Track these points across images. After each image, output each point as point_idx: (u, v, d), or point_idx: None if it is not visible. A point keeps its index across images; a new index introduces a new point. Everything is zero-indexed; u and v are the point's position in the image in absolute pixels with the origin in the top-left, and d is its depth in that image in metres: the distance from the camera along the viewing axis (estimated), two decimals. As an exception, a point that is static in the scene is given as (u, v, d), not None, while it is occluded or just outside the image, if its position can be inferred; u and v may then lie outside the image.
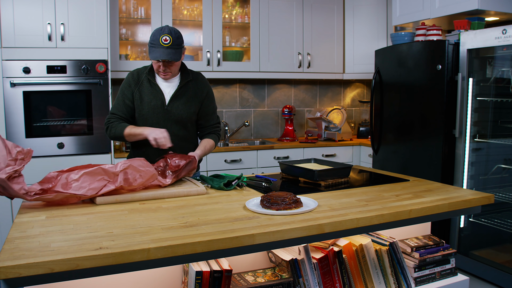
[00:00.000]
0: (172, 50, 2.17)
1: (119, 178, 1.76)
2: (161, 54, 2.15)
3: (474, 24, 3.32)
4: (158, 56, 2.15)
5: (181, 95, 2.33)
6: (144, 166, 1.85)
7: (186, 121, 2.36)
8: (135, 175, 1.82)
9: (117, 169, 1.77)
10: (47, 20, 3.25)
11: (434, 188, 2.06)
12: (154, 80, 2.31)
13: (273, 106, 4.68)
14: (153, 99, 2.30)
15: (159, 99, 2.30)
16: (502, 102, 3.13)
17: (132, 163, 1.82)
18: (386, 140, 3.80)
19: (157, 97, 2.30)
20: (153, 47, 2.17)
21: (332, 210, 1.68)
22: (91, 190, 1.71)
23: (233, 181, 2.07)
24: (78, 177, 1.71)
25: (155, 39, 2.16)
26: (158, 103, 2.30)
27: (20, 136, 3.23)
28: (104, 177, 1.75)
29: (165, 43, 2.14)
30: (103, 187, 1.73)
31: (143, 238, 1.33)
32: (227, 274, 1.50)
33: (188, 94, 2.34)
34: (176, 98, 2.32)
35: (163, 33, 2.15)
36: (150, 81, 2.31)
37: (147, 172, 1.85)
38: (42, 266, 1.14)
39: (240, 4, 4.25)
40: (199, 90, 2.38)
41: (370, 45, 4.44)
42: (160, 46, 2.15)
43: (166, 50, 2.15)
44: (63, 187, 1.70)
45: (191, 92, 2.35)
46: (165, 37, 2.14)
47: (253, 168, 3.95)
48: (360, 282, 1.80)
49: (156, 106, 2.30)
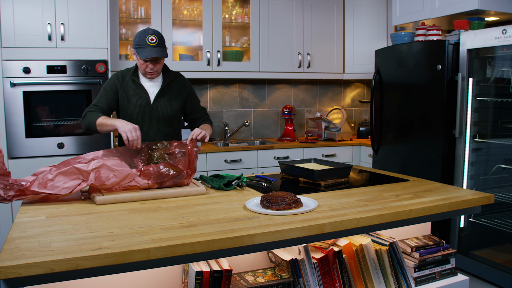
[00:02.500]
0: (159, 48, 2.27)
1: (90, 176, 1.78)
2: (150, 52, 2.25)
3: (474, 24, 3.32)
4: (148, 54, 2.25)
5: (165, 94, 2.43)
6: (118, 166, 1.84)
7: (171, 118, 2.48)
8: (109, 174, 1.81)
9: (89, 168, 1.79)
10: (47, 20, 3.25)
11: (434, 188, 2.06)
12: (139, 81, 2.41)
13: (273, 106, 4.68)
14: (139, 98, 2.40)
15: (144, 99, 2.40)
16: (502, 102, 3.13)
17: (106, 162, 1.82)
18: (386, 140, 3.80)
19: (143, 97, 2.41)
20: (140, 48, 2.27)
21: (332, 210, 1.68)
22: (65, 189, 1.77)
23: (233, 181, 2.07)
24: (53, 176, 1.76)
25: (141, 40, 2.26)
26: (143, 102, 2.40)
27: (20, 136, 3.23)
28: (79, 176, 1.79)
29: (152, 43, 2.25)
30: (77, 186, 1.78)
31: (143, 238, 1.33)
32: (227, 274, 1.50)
33: (171, 92, 2.45)
34: (160, 96, 2.42)
35: (148, 34, 2.27)
36: (135, 81, 2.40)
37: (122, 171, 1.83)
38: (42, 266, 1.14)
39: (240, 4, 4.25)
40: (181, 88, 2.49)
41: (370, 45, 4.44)
42: (148, 45, 2.25)
43: (154, 48, 2.26)
44: (39, 187, 1.75)
45: (174, 91, 2.46)
46: (151, 37, 2.26)
47: (253, 168, 3.95)
48: (360, 282, 1.80)
49: (142, 105, 2.40)
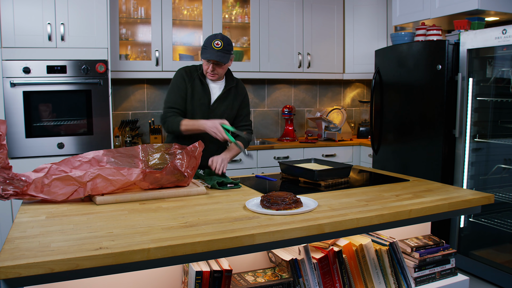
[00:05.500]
0: (221, 53, 2.35)
1: (87, 187, 1.77)
2: (211, 55, 2.34)
3: (474, 24, 3.32)
4: (209, 56, 2.34)
5: (225, 98, 2.53)
6: (114, 175, 1.80)
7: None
8: (105, 183, 1.79)
9: (84, 179, 1.76)
10: (47, 20, 3.25)
11: (434, 188, 2.06)
12: (205, 80, 2.51)
13: (273, 106, 4.68)
14: (202, 97, 2.49)
15: (207, 98, 2.50)
16: (502, 102, 3.13)
17: (101, 172, 1.78)
18: (386, 140, 3.80)
19: (205, 96, 2.49)
20: (205, 49, 2.38)
21: (332, 210, 1.68)
22: (61, 196, 1.76)
23: (229, 183, 2.12)
24: (49, 181, 1.74)
25: (208, 43, 2.36)
26: (205, 101, 2.49)
27: (20, 136, 3.23)
28: (75, 182, 1.77)
29: (216, 47, 2.34)
30: (74, 192, 1.77)
31: (143, 238, 1.33)
32: (227, 274, 1.50)
33: (230, 97, 2.55)
34: (220, 99, 2.52)
35: (215, 38, 2.36)
36: (201, 80, 2.49)
37: (118, 181, 1.80)
38: (42, 266, 1.14)
39: (240, 4, 4.25)
40: (239, 95, 2.59)
41: (370, 45, 4.44)
42: (212, 48, 2.34)
43: (216, 52, 2.34)
44: (36, 191, 1.74)
45: (233, 96, 2.56)
46: (217, 41, 2.35)
47: (253, 168, 3.95)
48: (360, 282, 1.80)
49: (203, 104, 2.49)
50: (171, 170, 1.93)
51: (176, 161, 2.01)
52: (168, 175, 1.92)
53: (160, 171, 1.90)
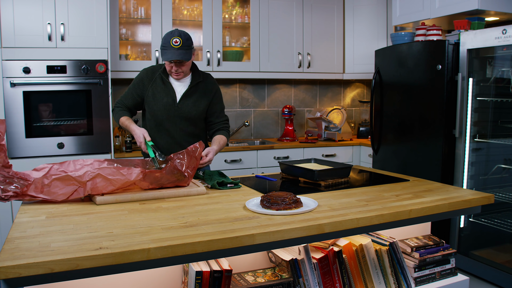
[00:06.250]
0: (182, 51, 2.30)
1: (87, 187, 1.77)
2: (173, 55, 2.29)
3: (474, 24, 3.32)
4: (170, 57, 2.29)
5: (192, 94, 2.47)
6: (113, 175, 1.80)
7: (195, 119, 2.52)
8: (105, 182, 1.79)
9: (84, 179, 1.76)
10: (47, 20, 3.25)
11: (434, 188, 2.06)
12: (167, 79, 2.47)
13: (273, 106, 4.68)
14: (165, 96, 2.45)
15: (171, 97, 2.45)
16: (502, 102, 3.13)
17: (101, 171, 1.78)
18: (386, 140, 3.80)
19: (169, 95, 2.46)
20: (164, 49, 2.32)
21: (332, 210, 1.68)
22: (61, 196, 1.76)
23: (229, 183, 2.12)
24: (49, 182, 1.74)
25: (166, 42, 2.30)
26: (169, 101, 2.45)
27: (20, 136, 3.23)
28: (75, 182, 1.77)
29: (175, 45, 2.28)
30: (74, 192, 1.77)
31: (143, 238, 1.33)
32: (227, 274, 1.50)
33: (198, 93, 2.48)
34: (186, 96, 2.47)
35: (173, 36, 2.29)
36: (163, 79, 2.45)
37: (118, 180, 1.80)
38: (42, 266, 1.14)
39: (240, 4, 4.25)
40: (208, 90, 2.52)
41: (370, 45, 4.44)
42: (171, 48, 2.28)
43: (177, 51, 2.29)
44: (36, 191, 1.74)
45: (201, 91, 2.50)
46: (175, 39, 2.28)
47: (253, 168, 3.95)
48: (360, 282, 1.80)
49: (167, 103, 2.45)
50: (171, 170, 1.93)
51: (176, 161, 2.01)
52: (168, 175, 1.92)
53: (160, 171, 1.91)
